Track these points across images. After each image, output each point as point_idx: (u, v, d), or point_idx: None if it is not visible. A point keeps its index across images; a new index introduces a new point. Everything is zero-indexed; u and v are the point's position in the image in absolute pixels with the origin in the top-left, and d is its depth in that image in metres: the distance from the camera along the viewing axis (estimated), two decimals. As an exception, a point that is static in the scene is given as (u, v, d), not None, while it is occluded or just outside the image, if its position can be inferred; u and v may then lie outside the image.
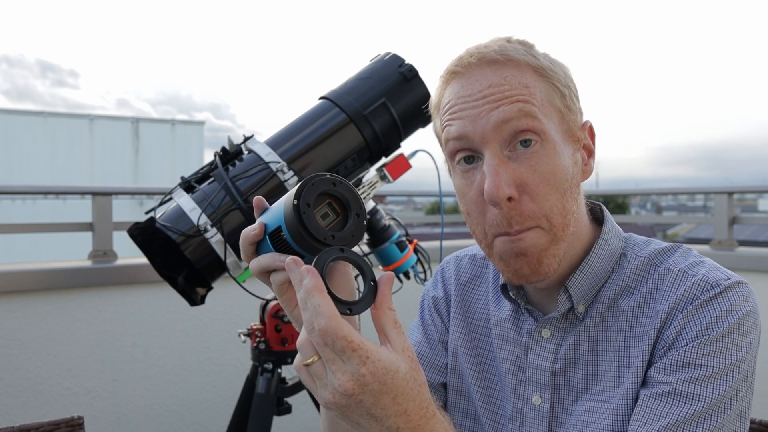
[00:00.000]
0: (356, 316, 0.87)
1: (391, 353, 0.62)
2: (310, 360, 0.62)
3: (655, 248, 0.87)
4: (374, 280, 0.65)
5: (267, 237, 0.72)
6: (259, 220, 0.74)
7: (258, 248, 0.75)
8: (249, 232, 0.74)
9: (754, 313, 0.78)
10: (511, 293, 0.91)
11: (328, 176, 0.69)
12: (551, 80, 0.82)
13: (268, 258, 0.73)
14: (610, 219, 0.89)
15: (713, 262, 0.83)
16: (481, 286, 1.00)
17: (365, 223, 0.71)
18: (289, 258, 0.64)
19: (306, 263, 0.72)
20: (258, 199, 0.76)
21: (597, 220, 0.91)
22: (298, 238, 0.68)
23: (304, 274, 0.62)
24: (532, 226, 0.79)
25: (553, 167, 0.79)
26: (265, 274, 0.75)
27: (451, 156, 0.84)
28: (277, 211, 0.71)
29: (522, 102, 0.78)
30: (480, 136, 0.79)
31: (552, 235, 0.80)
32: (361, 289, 0.67)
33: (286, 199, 0.69)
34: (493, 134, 0.78)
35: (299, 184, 0.68)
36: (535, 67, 0.81)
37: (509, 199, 0.78)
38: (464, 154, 0.82)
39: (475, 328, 0.98)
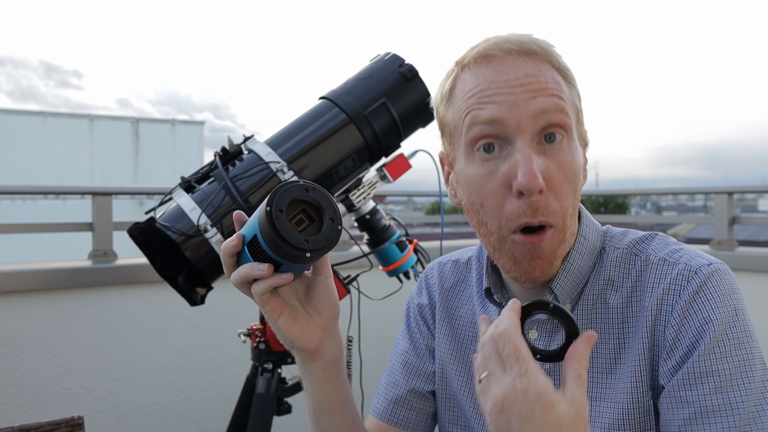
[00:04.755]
0: (343, 327, 0.87)
1: (556, 392, 0.61)
2: (483, 375, 0.63)
3: (632, 238, 0.86)
4: (576, 334, 0.66)
5: (245, 247, 0.73)
6: (237, 232, 0.74)
7: (239, 260, 0.75)
8: (228, 244, 0.74)
9: (742, 300, 0.78)
10: (495, 297, 0.90)
11: (301, 182, 0.70)
12: (572, 83, 0.82)
13: (247, 268, 0.73)
14: (587, 215, 0.88)
15: (692, 248, 0.83)
16: (465, 291, 0.99)
17: (340, 227, 0.71)
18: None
19: (283, 271, 0.72)
20: (237, 213, 0.76)
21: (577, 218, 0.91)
22: (273, 245, 0.68)
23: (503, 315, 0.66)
24: (551, 224, 0.78)
25: (574, 166, 0.79)
26: (246, 285, 0.75)
27: (471, 142, 0.79)
28: (253, 221, 0.72)
29: (557, 97, 0.77)
30: (516, 123, 0.76)
31: (561, 236, 0.80)
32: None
33: (260, 208, 0.70)
34: (529, 123, 0.76)
35: (272, 191, 0.69)
36: (561, 68, 0.81)
37: (539, 191, 0.76)
38: (487, 141, 0.78)
39: (461, 334, 0.97)
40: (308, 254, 0.69)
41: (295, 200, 0.69)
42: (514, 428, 0.59)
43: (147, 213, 1.42)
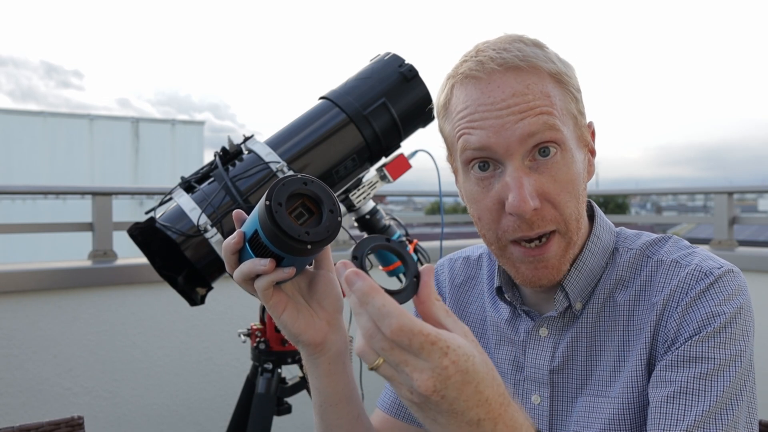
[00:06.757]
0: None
1: (463, 339, 0.58)
2: (375, 363, 0.57)
3: (646, 240, 0.87)
4: (417, 271, 0.61)
5: (247, 244, 0.73)
6: (238, 230, 0.75)
7: (240, 258, 0.76)
8: (229, 241, 0.74)
9: (748, 301, 0.79)
10: (506, 296, 0.90)
11: (299, 176, 0.70)
12: (567, 86, 0.81)
13: (249, 264, 0.73)
14: (601, 215, 0.89)
15: (705, 251, 0.84)
16: (475, 288, 1.00)
17: (340, 218, 0.71)
18: (339, 262, 0.59)
19: (285, 265, 0.73)
20: (237, 212, 0.77)
21: (590, 217, 0.91)
22: (274, 238, 0.68)
23: (352, 278, 0.57)
24: (551, 230, 0.80)
25: (571, 176, 0.80)
26: (249, 281, 0.75)
27: (465, 163, 0.82)
28: (253, 217, 0.72)
29: (546, 114, 0.77)
30: (504, 148, 0.77)
31: (567, 240, 0.81)
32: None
33: (259, 204, 0.70)
34: (518, 147, 0.77)
35: (271, 185, 0.69)
36: (552, 73, 0.80)
37: (533, 210, 0.77)
38: (481, 161, 0.80)
39: (470, 330, 0.97)
40: (309, 246, 0.69)
41: (294, 194, 0.70)
42: (450, 398, 0.55)
43: (147, 213, 1.42)
